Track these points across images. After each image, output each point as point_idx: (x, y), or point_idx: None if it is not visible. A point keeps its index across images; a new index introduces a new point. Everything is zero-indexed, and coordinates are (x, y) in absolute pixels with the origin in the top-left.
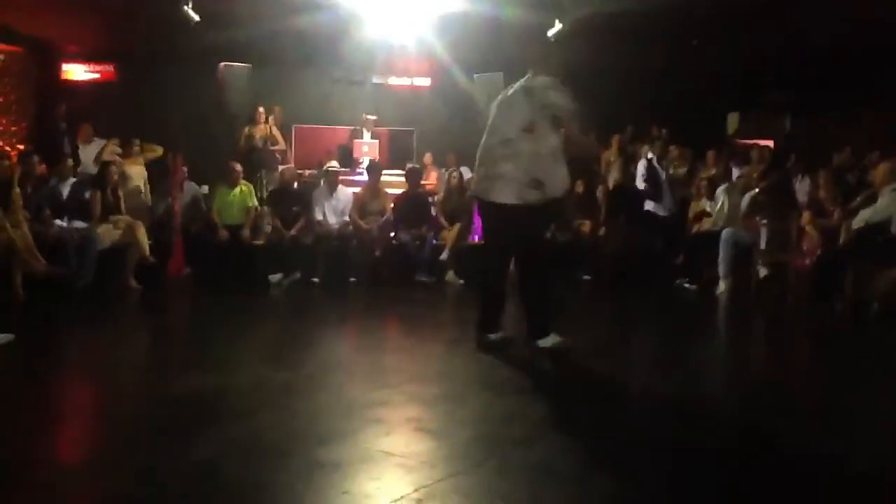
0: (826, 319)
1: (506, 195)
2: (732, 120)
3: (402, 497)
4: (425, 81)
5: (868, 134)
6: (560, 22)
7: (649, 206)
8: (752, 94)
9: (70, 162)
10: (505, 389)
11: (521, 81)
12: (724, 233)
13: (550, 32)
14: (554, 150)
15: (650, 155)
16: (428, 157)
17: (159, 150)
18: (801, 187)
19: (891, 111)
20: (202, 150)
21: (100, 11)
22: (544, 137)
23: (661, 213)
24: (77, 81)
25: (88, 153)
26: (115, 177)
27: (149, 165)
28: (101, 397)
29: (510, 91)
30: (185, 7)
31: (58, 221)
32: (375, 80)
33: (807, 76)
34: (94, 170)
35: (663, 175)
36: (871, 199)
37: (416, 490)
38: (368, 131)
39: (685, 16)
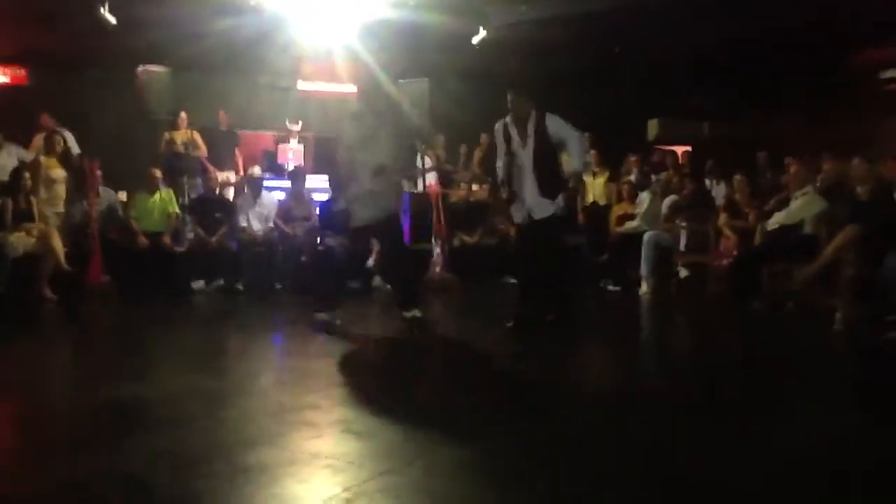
0: (743, 317)
1: None
2: (652, 126)
3: (331, 497)
4: (351, 88)
5: (782, 138)
6: (484, 29)
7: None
8: (673, 100)
9: None
10: (434, 390)
11: None
12: (646, 235)
13: (474, 40)
14: None
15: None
16: None
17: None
18: (718, 191)
19: (803, 116)
20: (121, 155)
21: (11, 13)
22: None
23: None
24: None
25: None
26: (28, 183)
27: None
28: (19, 409)
29: None
30: (102, 9)
31: None
32: (301, 86)
33: (724, 82)
34: (4, 176)
35: None
36: (785, 203)
37: (344, 490)
38: (294, 138)
39: (607, 23)
